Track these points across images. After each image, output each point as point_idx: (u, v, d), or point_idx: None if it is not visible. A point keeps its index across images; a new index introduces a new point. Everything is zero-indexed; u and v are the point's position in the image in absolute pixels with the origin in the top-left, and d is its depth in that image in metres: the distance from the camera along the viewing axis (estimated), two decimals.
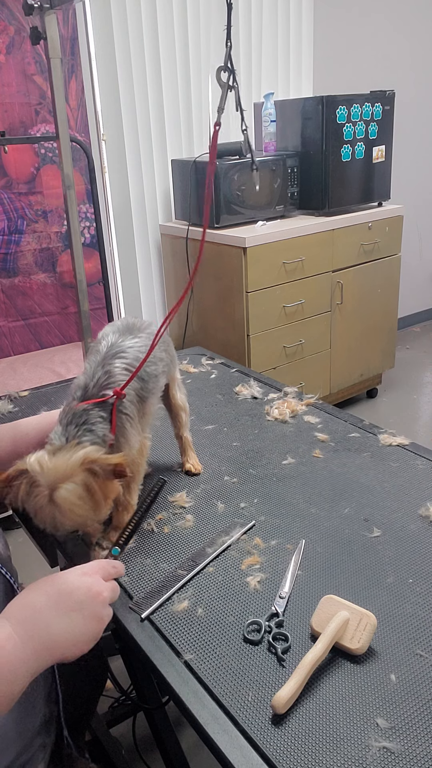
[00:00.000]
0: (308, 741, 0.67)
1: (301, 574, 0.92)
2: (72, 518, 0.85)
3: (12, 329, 2.81)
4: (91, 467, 0.85)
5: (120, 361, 0.97)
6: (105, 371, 0.95)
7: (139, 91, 2.83)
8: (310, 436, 1.30)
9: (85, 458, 0.85)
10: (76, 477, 0.84)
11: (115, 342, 1.00)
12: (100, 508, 0.87)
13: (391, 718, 0.69)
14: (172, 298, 3.15)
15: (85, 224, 2.86)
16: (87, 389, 0.94)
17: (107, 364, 0.96)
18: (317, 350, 3.05)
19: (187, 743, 1.29)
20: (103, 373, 0.95)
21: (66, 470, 0.84)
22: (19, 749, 0.82)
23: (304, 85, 3.43)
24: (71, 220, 1.97)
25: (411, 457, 1.20)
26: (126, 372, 0.96)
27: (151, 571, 0.94)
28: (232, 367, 1.67)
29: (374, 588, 0.88)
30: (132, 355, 0.98)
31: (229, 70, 0.87)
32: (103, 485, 0.86)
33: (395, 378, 3.77)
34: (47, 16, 1.71)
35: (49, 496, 0.83)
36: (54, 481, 0.84)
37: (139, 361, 0.97)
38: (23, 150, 2.63)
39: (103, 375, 0.95)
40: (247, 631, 0.81)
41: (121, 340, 1.00)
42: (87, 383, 0.95)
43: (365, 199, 3.12)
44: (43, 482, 0.84)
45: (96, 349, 1.00)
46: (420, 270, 4.50)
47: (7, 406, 1.49)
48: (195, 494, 1.12)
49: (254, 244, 2.61)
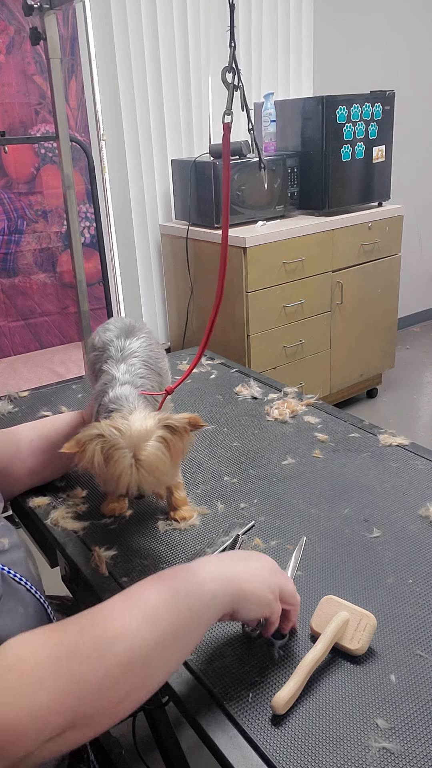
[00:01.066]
0: (308, 741, 0.67)
1: (300, 574, 0.92)
2: (157, 475, 0.86)
3: (12, 329, 2.81)
4: (169, 423, 0.87)
5: (137, 359, 1.03)
6: (129, 365, 1.01)
7: (139, 91, 2.83)
8: (310, 436, 1.30)
9: (161, 418, 0.88)
10: (157, 435, 0.86)
11: (124, 345, 1.05)
12: (177, 462, 0.90)
13: (390, 719, 0.69)
14: (172, 298, 3.16)
15: (85, 224, 2.86)
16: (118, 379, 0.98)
17: (128, 360, 1.02)
18: (317, 350, 3.05)
19: (187, 743, 1.29)
20: (129, 366, 1.00)
21: (147, 430, 0.86)
22: None
23: (304, 85, 3.43)
24: (71, 220, 1.97)
25: (411, 458, 1.20)
26: (145, 367, 1.02)
27: (151, 572, 0.93)
28: (232, 367, 1.67)
29: (374, 588, 0.88)
30: (144, 354, 1.04)
31: (234, 70, 0.87)
32: (179, 440, 0.88)
33: (395, 378, 3.77)
34: (47, 17, 1.71)
35: (133, 457, 0.84)
36: (136, 442, 0.85)
37: (150, 358, 1.04)
38: (23, 150, 2.63)
39: (130, 367, 1.00)
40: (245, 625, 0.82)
41: (128, 342, 1.05)
42: (116, 376, 0.99)
43: (365, 199, 3.12)
44: (125, 444, 0.84)
45: (108, 355, 1.04)
46: (420, 270, 4.51)
47: (7, 406, 1.48)
48: (195, 494, 1.12)
49: (254, 244, 2.61)
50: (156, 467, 0.85)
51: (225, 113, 0.87)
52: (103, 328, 1.12)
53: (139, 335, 1.08)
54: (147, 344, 1.07)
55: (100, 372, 1.04)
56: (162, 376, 1.07)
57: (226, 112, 0.87)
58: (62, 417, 1.18)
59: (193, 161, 2.75)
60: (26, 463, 1.10)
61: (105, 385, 0.99)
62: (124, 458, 0.84)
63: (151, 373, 1.03)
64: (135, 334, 1.08)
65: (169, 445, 0.87)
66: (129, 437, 0.85)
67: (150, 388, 1.00)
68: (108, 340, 1.07)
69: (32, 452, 1.10)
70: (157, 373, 1.05)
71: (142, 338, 1.07)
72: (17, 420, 1.42)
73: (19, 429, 1.14)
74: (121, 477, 0.84)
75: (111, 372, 1.00)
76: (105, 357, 1.05)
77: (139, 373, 1.01)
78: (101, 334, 1.10)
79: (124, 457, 0.84)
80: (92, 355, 1.10)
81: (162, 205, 3.07)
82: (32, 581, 0.82)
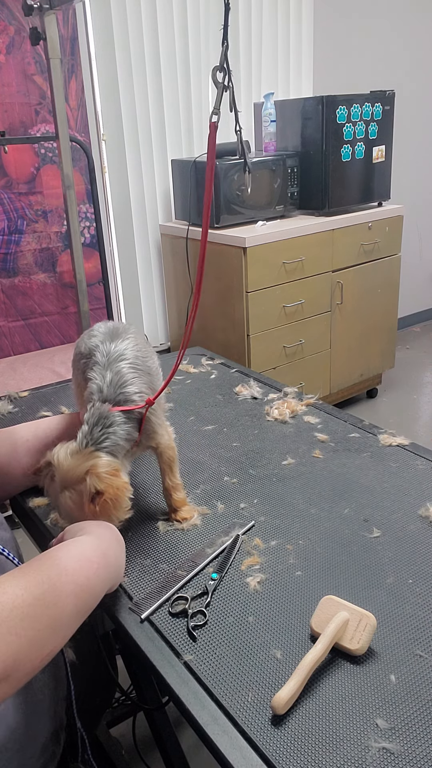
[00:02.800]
0: (308, 741, 0.67)
1: (301, 574, 0.92)
2: (69, 520, 0.91)
3: (12, 329, 2.81)
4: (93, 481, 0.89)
5: (124, 362, 1.00)
6: (114, 372, 0.99)
7: (139, 91, 2.83)
8: (310, 436, 1.30)
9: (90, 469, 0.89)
10: (79, 486, 0.89)
11: (110, 349, 1.02)
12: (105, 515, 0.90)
13: (390, 719, 0.69)
14: (172, 298, 3.16)
15: (85, 224, 2.86)
16: (102, 391, 0.97)
17: (114, 366, 1.00)
18: (317, 350, 3.05)
19: (187, 743, 1.29)
20: (114, 374, 0.99)
21: (73, 476, 0.89)
22: (30, 754, 0.82)
23: (304, 85, 3.43)
24: (71, 220, 1.97)
25: (411, 458, 1.20)
26: (132, 370, 1.00)
27: (151, 572, 0.94)
28: (232, 367, 1.67)
29: (374, 588, 0.88)
30: (131, 355, 1.02)
31: (224, 70, 0.87)
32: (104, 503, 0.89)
33: (395, 378, 3.77)
34: (47, 17, 1.71)
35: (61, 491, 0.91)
36: (63, 482, 0.90)
37: (138, 359, 1.02)
38: (23, 150, 2.63)
39: (115, 375, 0.98)
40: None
41: (114, 345, 1.03)
42: (101, 386, 0.98)
43: (365, 199, 3.12)
44: (57, 479, 0.91)
45: (94, 360, 1.02)
46: (420, 270, 4.50)
47: (7, 406, 1.49)
48: (195, 495, 1.12)
49: (254, 244, 2.61)
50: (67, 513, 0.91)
51: (213, 113, 0.87)
52: (89, 334, 1.09)
53: (125, 336, 1.05)
54: (133, 345, 1.04)
55: (87, 380, 1.02)
56: (152, 375, 1.05)
57: (213, 112, 0.87)
58: (57, 418, 1.19)
59: (193, 161, 2.75)
60: (22, 463, 1.11)
61: (91, 395, 0.98)
62: (55, 490, 0.92)
63: (139, 374, 1.01)
64: (120, 336, 1.05)
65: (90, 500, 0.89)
66: (60, 475, 0.91)
67: (137, 392, 0.98)
68: (93, 345, 1.05)
69: (28, 452, 1.11)
70: (146, 372, 1.02)
71: (128, 339, 1.05)
72: (17, 420, 1.42)
73: (16, 429, 1.14)
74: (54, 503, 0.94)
75: (95, 382, 0.99)
76: (92, 363, 1.03)
77: (124, 380, 0.98)
78: (86, 340, 1.08)
79: (55, 489, 0.91)
80: (81, 363, 1.08)
81: (162, 205, 3.07)
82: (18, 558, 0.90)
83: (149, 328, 3.22)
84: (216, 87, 0.88)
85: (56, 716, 0.89)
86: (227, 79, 0.87)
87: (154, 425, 1.01)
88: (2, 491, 1.13)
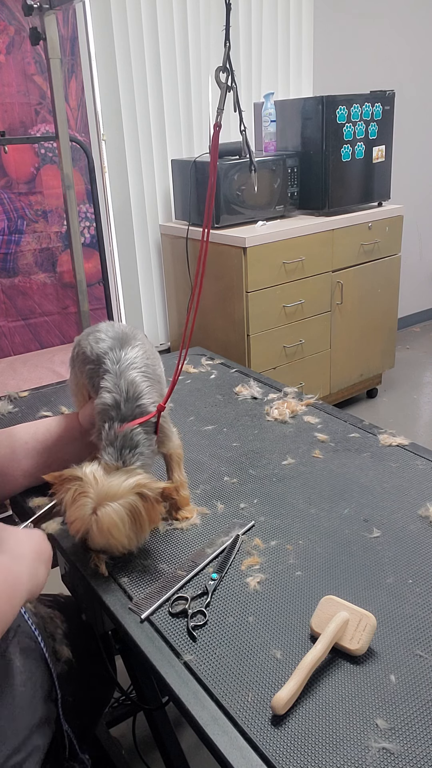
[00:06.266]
0: (308, 742, 0.67)
1: (300, 574, 0.92)
2: (106, 537, 0.89)
3: (12, 329, 2.81)
4: (142, 491, 0.89)
5: (135, 371, 1.00)
6: (129, 382, 0.99)
7: (139, 91, 2.83)
8: (310, 436, 1.30)
9: (138, 483, 0.90)
10: (125, 499, 0.89)
11: (120, 356, 1.02)
12: (143, 531, 0.91)
13: (390, 719, 0.69)
14: (172, 298, 3.16)
15: (85, 224, 2.86)
16: (119, 406, 0.97)
17: (126, 375, 0.99)
18: (317, 350, 3.05)
19: (187, 743, 1.29)
20: (128, 385, 0.98)
21: (118, 491, 0.89)
22: (13, 746, 0.83)
23: (304, 85, 3.43)
24: (71, 220, 1.97)
25: (411, 458, 1.20)
26: (145, 379, 1.00)
27: (151, 572, 0.94)
28: (231, 367, 1.67)
29: (374, 588, 0.88)
30: (141, 363, 1.02)
31: (227, 70, 0.87)
32: (150, 510, 0.90)
33: (395, 378, 3.77)
34: (47, 17, 1.71)
35: (93, 509, 0.88)
36: (104, 497, 0.88)
37: (148, 367, 1.02)
38: (23, 150, 2.63)
39: (130, 386, 0.98)
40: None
41: (124, 353, 1.02)
42: (118, 400, 0.97)
43: (365, 199, 3.12)
44: (93, 494, 0.89)
45: (104, 368, 1.02)
46: (420, 270, 4.51)
47: (7, 406, 1.48)
48: (195, 495, 1.12)
49: (254, 244, 2.61)
50: (108, 529, 0.88)
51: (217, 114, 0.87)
52: (95, 337, 1.07)
53: (134, 343, 1.04)
54: (143, 352, 1.03)
55: (99, 388, 1.01)
56: (160, 383, 1.06)
57: (217, 113, 0.87)
58: (56, 419, 1.18)
59: (193, 161, 2.75)
60: (21, 465, 1.11)
61: (106, 408, 0.97)
62: (85, 506, 0.88)
63: (151, 383, 1.01)
64: (130, 343, 1.04)
65: (134, 515, 0.89)
66: (99, 490, 0.89)
67: (152, 402, 0.99)
68: (102, 352, 1.03)
69: (27, 454, 1.11)
70: (156, 381, 1.03)
71: (137, 347, 1.04)
72: (17, 420, 1.42)
73: (15, 430, 1.14)
74: (75, 522, 0.89)
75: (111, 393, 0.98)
76: (102, 371, 1.02)
77: (140, 392, 0.98)
78: (93, 344, 1.06)
79: (86, 505, 0.88)
80: (87, 369, 1.07)
81: (162, 205, 3.07)
82: None
83: (149, 327, 3.22)
84: (219, 88, 0.88)
85: (39, 710, 0.89)
86: (230, 80, 0.88)
87: (166, 431, 1.03)
88: (1, 493, 1.13)
